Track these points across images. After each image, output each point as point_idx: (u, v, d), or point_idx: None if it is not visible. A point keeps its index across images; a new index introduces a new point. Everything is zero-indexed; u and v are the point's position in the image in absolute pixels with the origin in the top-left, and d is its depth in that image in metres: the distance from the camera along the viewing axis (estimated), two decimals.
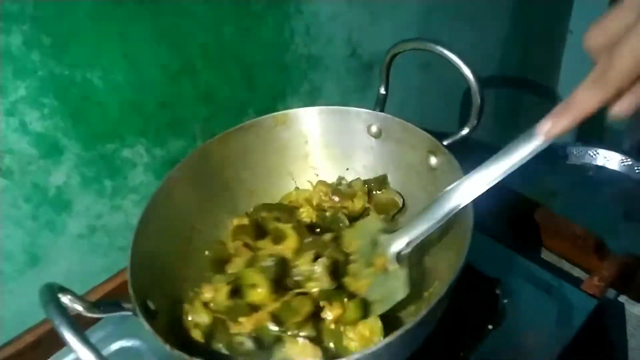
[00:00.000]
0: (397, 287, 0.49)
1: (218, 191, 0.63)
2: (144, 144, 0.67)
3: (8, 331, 0.62)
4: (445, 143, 0.54)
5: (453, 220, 0.47)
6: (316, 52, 0.79)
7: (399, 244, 0.51)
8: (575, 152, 1.02)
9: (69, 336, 0.34)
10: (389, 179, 0.63)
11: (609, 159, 1.00)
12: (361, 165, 0.65)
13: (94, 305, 0.42)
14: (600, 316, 0.52)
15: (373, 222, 0.56)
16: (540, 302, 0.54)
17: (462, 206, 0.46)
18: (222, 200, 0.63)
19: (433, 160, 0.55)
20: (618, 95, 0.36)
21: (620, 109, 0.37)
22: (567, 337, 0.50)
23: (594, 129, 1.29)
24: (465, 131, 0.55)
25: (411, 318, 0.49)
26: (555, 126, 0.40)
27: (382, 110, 0.61)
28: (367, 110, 0.60)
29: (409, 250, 0.50)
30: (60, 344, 0.57)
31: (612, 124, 1.35)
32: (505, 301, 0.54)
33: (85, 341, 0.34)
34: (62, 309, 0.36)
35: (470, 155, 0.49)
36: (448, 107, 1.03)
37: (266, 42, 0.73)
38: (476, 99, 0.51)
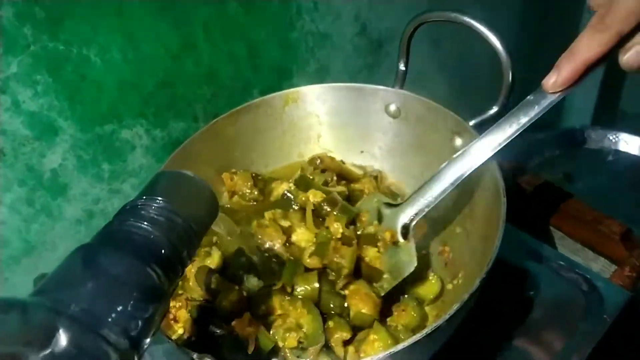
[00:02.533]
0: (406, 261, 0.48)
1: (225, 171, 0.60)
2: (143, 125, 0.64)
3: None
4: (471, 123, 0.51)
5: (481, 206, 0.45)
6: (324, 30, 0.77)
7: (405, 216, 0.49)
8: (593, 136, 0.99)
9: None
10: (408, 161, 0.60)
11: (630, 143, 0.97)
12: (377, 147, 0.62)
13: None
14: (634, 309, 0.49)
15: (376, 196, 0.54)
16: (568, 294, 0.52)
17: (472, 170, 0.45)
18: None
19: (458, 142, 0.52)
20: (620, 41, 0.37)
21: (628, 58, 0.37)
22: (599, 332, 0.48)
23: (610, 113, 1.26)
24: (493, 110, 0.51)
25: (436, 311, 0.47)
26: (560, 77, 0.40)
27: (401, 88, 0.57)
28: (386, 88, 0.57)
29: (415, 222, 0.49)
30: None
31: (630, 108, 1.32)
32: (532, 293, 0.52)
33: None
34: None
35: None
36: (466, 87, 1.00)
37: (271, 18, 0.70)
38: (507, 75, 0.48)
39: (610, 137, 0.99)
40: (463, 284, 0.48)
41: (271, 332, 0.45)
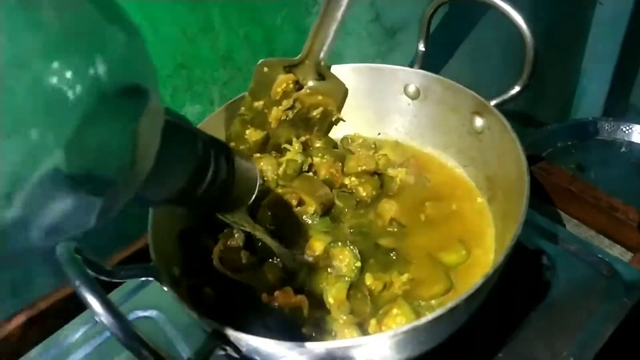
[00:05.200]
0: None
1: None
2: None
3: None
4: (492, 103, 0.50)
5: (502, 185, 0.44)
6: None
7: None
8: (606, 128, 0.99)
9: (90, 298, 0.31)
10: (427, 143, 0.61)
11: None
12: (394, 129, 0.62)
13: (113, 270, 0.39)
14: None
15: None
16: (586, 277, 0.52)
17: None
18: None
19: (478, 122, 0.52)
20: None
21: None
22: (619, 315, 0.48)
23: (622, 105, 1.25)
24: (515, 90, 0.51)
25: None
26: None
27: (420, 69, 0.57)
28: (405, 68, 0.57)
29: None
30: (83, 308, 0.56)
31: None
32: (550, 275, 0.51)
33: (107, 303, 0.31)
34: (82, 270, 0.33)
35: None
36: (481, 67, 0.99)
37: (287, 3, 0.70)
38: (529, 53, 0.48)
39: (623, 129, 0.99)
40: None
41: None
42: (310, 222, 0.52)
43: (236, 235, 0.50)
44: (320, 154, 0.58)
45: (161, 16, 0.59)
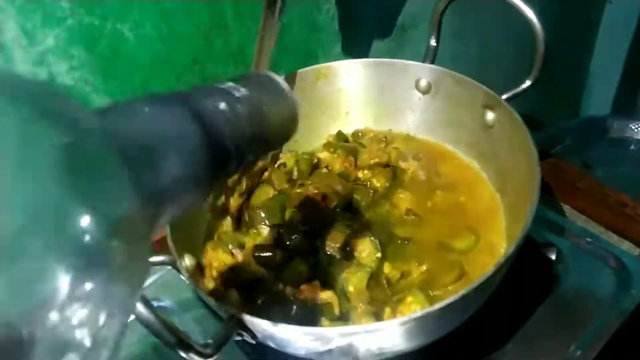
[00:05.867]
0: None
1: None
2: None
3: None
4: (504, 97, 0.51)
5: (513, 178, 0.45)
6: (349, 12, 0.77)
7: None
8: (615, 125, 0.99)
9: None
10: (437, 138, 0.61)
11: None
12: (405, 124, 0.63)
13: None
14: None
15: None
16: (596, 271, 0.52)
17: None
18: None
19: (490, 116, 0.53)
20: None
21: None
22: (628, 309, 0.48)
23: (630, 104, 1.25)
24: (526, 84, 0.52)
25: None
26: None
27: (432, 64, 0.58)
28: (416, 63, 0.58)
29: None
30: None
31: None
32: (559, 268, 0.52)
33: None
34: None
35: None
36: (490, 62, 1.00)
37: (299, 0, 0.70)
38: (540, 47, 0.48)
39: (632, 127, 0.99)
40: None
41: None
42: (334, 217, 0.53)
43: (265, 232, 0.51)
44: (332, 149, 0.60)
45: (176, 11, 0.60)
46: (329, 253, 0.50)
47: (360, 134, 0.63)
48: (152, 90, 0.61)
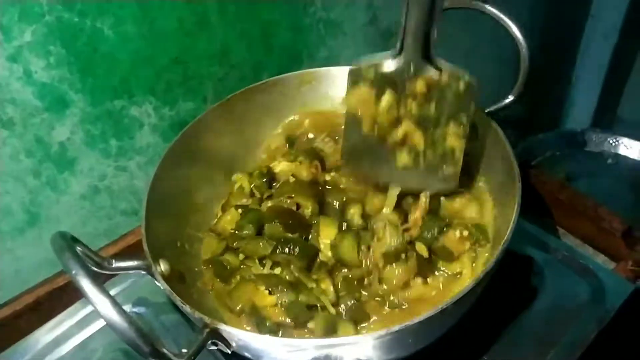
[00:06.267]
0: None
1: (236, 147, 0.62)
2: (152, 103, 0.65)
3: (5, 292, 0.60)
4: (487, 110, 0.52)
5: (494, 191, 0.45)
6: (335, 17, 0.77)
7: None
8: (594, 139, 1.01)
9: (88, 287, 0.32)
10: None
11: (631, 148, 0.99)
12: None
13: (106, 261, 0.40)
14: (636, 302, 0.51)
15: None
16: (572, 283, 0.54)
17: None
18: (238, 157, 0.63)
19: (473, 129, 0.53)
20: None
21: None
22: (603, 320, 0.50)
23: (609, 117, 1.28)
24: (509, 99, 0.52)
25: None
26: None
27: None
28: None
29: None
30: (61, 306, 0.56)
31: (627, 114, 1.34)
32: (537, 281, 0.53)
33: (105, 293, 0.32)
34: (79, 258, 0.33)
35: None
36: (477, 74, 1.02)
37: (285, 1, 0.70)
38: (524, 64, 0.49)
39: (610, 141, 1.01)
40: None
41: None
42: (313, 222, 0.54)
43: None
44: (291, 158, 0.60)
45: (158, 8, 0.60)
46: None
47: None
48: (123, 108, 0.61)
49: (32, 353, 0.53)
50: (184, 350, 0.35)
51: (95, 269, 0.40)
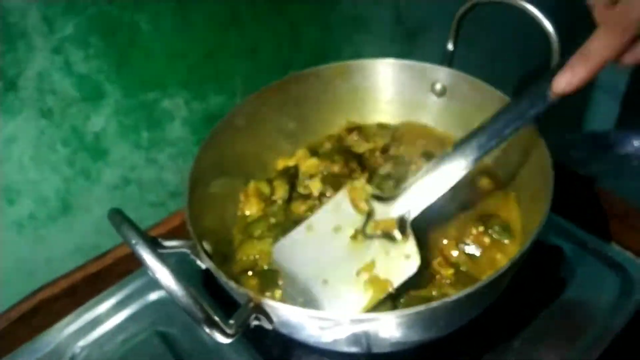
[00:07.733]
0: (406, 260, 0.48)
1: (270, 136, 0.64)
2: (184, 96, 0.68)
3: (38, 277, 0.63)
4: None
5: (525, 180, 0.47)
6: (362, 14, 0.80)
7: (401, 208, 0.49)
8: (620, 140, 1.03)
9: (147, 256, 0.35)
10: (450, 140, 0.63)
11: None
12: None
13: (154, 240, 0.43)
14: None
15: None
16: (601, 275, 0.56)
17: (471, 165, 0.47)
18: (274, 145, 0.64)
19: None
20: (630, 42, 0.38)
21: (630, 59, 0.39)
22: (630, 313, 0.52)
23: (634, 118, 1.29)
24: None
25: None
26: (575, 77, 0.41)
27: (448, 67, 0.61)
28: (433, 65, 0.61)
29: (413, 218, 0.49)
30: (95, 292, 0.60)
31: None
32: (565, 273, 0.56)
33: (164, 262, 0.35)
34: (138, 229, 0.37)
35: None
36: (507, 70, 1.04)
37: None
38: (555, 58, 0.51)
39: (635, 143, 1.03)
40: None
41: None
42: None
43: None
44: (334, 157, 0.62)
45: (193, 4, 0.63)
46: None
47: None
48: (156, 100, 0.64)
49: (67, 334, 0.56)
50: (232, 321, 0.38)
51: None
